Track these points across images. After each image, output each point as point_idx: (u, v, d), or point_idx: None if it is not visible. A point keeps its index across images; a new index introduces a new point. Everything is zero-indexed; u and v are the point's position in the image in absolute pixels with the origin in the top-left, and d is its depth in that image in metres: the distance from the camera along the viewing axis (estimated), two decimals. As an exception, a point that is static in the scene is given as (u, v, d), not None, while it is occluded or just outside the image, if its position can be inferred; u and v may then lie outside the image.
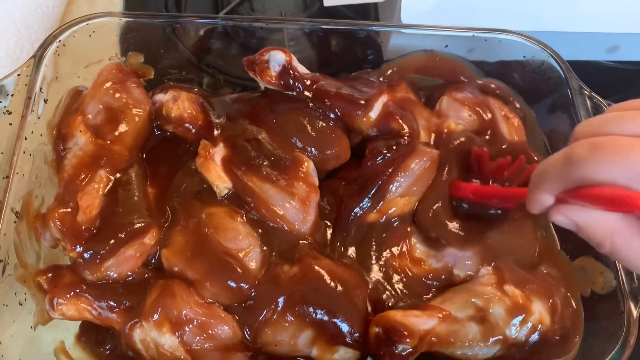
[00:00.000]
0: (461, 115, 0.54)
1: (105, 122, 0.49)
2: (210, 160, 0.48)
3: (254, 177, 0.48)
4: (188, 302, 0.44)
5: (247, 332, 0.45)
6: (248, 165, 0.48)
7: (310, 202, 0.48)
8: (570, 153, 0.32)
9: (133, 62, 0.57)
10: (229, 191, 0.48)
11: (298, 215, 0.47)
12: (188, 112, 0.50)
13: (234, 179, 0.48)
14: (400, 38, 0.59)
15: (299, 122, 0.51)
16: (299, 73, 0.50)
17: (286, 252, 0.48)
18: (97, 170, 0.48)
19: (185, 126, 0.50)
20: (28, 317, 0.45)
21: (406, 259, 0.48)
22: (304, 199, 0.48)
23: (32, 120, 0.48)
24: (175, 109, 0.50)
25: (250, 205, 0.48)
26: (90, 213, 0.46)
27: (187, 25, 0.59)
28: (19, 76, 0.49)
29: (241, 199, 0.48)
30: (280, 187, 0.48)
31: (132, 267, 0.46)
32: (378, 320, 0.44)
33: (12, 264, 0.44)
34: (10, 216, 0.44)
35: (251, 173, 0.48)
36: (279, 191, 0.47)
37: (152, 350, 0.44)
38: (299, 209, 0.48)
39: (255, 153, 0.49)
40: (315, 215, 0.49)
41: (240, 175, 0.48)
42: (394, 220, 0.49)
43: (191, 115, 0.50)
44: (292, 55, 0.50)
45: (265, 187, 0.47)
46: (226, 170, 0.48)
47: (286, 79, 0.50)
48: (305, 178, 0.49)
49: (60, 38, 0.51)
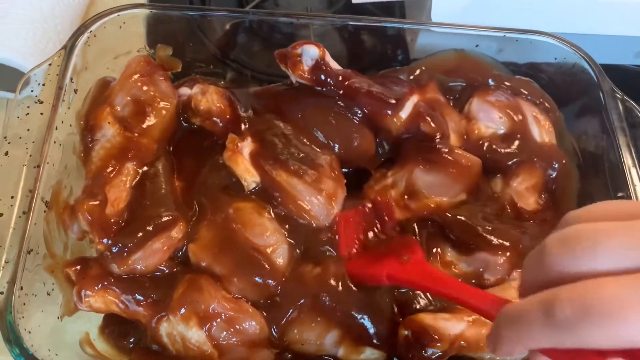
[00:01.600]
0: (492, 118, 0.54)
1: (133, 114, 0.49)
2: (239, 154, 0.48)
3: (282, 171, 0.48)
4: (216, 297, 0.44)
5: (274, 330, 0.44)
6: (276, 160, 0.48)
7: (337, 198, 0.48)
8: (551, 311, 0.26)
9: (161, 54, 0.57)
10: (256, 185, 0.48)
11: (323, 210, 0.47)
12: (217, 106, 0.50)
13: (262, 173, 0.48)
14: (429, 37, 0.58)
15: (324, 117, 0.51)
16: (331, 69, 0.50)
17: (311, 250, 0.48)
18: (125, 163, 0.47)
19: (213, 120, 0.50)
20: (55, 307, 0.45)
21: (437, 262, 0.48)
22: (330, 194, 0.47)
23: (63, 110, 0.48)
24: (204, 102, 0.50)
25: (278, 200, 0.47)
26: (118, 206, 0.46)
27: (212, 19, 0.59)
28: (50, 66, 0.49)
29: (268, 194, 0.48)
30: (308, 183, 0.47)
31: (159, 261, 0.46)
32: (408, 323, 0.43)
33: (41, 254, 0.44)
34: (40, 206, 0.44)
35: (279, 167, 0.48)
36: (307, 186, 0.47)
37: (178, 344, 0.44)
38: (325, 204, 0.47)
39: (283, 148, 0.49)
40: (339, 212, 0.48)
41: (269, 169, 0.48)
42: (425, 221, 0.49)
43: (219, 109, 0.50)
44: (326, 51, 0.49)
45: (293, 182, 0.47)
46: (254, 164, 0.48)
47: (318, 74, 0.49)
48: (333, 174, 0.48)
49: (91, 29, 0.51)
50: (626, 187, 0.51)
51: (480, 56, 0.58)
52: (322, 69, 0.49)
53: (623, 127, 0.52)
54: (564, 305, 0.25)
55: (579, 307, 0.25)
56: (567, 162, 0.54)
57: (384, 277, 0.41)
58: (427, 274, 0.39)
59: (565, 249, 0.27)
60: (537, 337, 0.27)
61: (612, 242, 0.26)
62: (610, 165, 0.53)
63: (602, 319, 0.24)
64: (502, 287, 0.47)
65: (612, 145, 0.52)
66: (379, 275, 0.41)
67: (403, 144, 0.51)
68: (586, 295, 0.25)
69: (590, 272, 0.26)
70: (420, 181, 0.49)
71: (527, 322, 0.27)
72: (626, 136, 0.52)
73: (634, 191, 0.50)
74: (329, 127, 0.51)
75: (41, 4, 0.65)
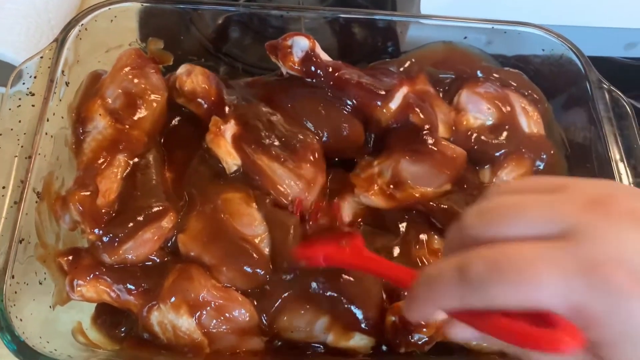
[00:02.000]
0: (480, 109, 0.54)
1: (124, 106, 0.50)
2: (221, 137, 0.48)
3: (263, 155, 0.48)
4: (205, 286, 0.44)
5: (264, 318, 0.45)
6: (258, 144, 0.48)
7: (315, 184, 0.48)
8: (465, 269, 0.27)
9: (153, 48, 0.57)
10: (237, 168, 0.48)
11: (302, 194, 0.48)
12: (201, 87, 0.50)
13: (243, 156, 0.48)
14: (418, 29, 0.59)
15: (314, 106, 0.51)
16: (321, 60, 0.50)
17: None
18: (116, 155, 0.48)
19: (197, 101, 0.50)
20: (47, 296, 0.46)
21: (424, 250, 0.48)
22: (309, 180, 0.48)
23: (54, 103, 0.48)
24: (189, 82, 0.50)
25: (258, 184, 0.48)
26: (109, 197, 0.46)
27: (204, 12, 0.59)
28: (41, 59, 0.49)
29: (249, 177, 0.48)
30: (288, 168, 0.48)
31: (150, 251, 0.46)
32: (395, 309, 0.44)
33: (32, 243, 0.45)
34: (32, 196, 0.45)
35: (261, 152, 0.48)
36: (287, 171, 0.48)
37: (169, 332, 0.44)
38: (303, 189, 0.48)
39: (266, 133, 0.49)
40: (314, 197, 0.49)
41: (250, 153, 0.48)
42: (412, 210, 0.50)
43: (204, 90, 0.50)
44: (316, 42, 0.50)
45: (273, 167, 0.48)
46: (236, 147, 0.48)
47: (308, 65, 0.50)
48: (313, 160, 0.49)
49: (82, 22, 0.51)
50: (613, 177, 0.51)
51: (469, 48, 0.58)
52: (312, 60, 0.50)
53: (609, 117, 0.53)
54: (478, 264, 0.26)
55: (492, 265, 0.26)
56: (555, 152, 0.55)
57: (321, 258, 0.41)
58: (362, 257, 0.40)
59: (482, 219, 0.28)
60: (449, 296, 0.28)
61: (529, 212, 0.27)
62: (598, 156, 0.53)
63: (511, 277, 0.25)
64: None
65: (599, 135, 0.53)
66: (316, 257, 0.42)
67: (390, 134, 0.51)
68: (500, 254, 0.26)
69: (507, 238, 0.27)
70: (406, 172, 0.50)
71: (442, 280, 0.28)
72: (613, 126, 0.53)
73: (620, 180, 0.50)
74: (319, 116, 0.51)
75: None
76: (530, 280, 0.25)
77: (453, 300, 0.28)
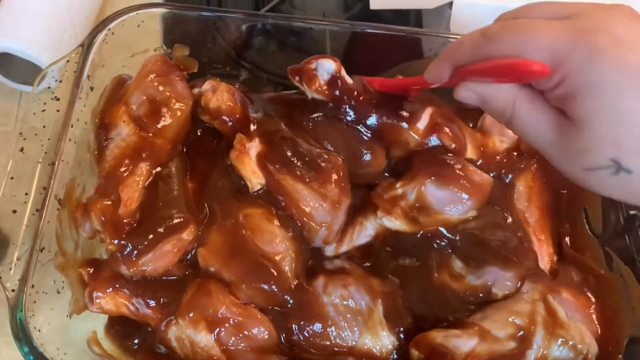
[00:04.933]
0: (505, 132, 0.53)
1: (148, 114, 0.49)
2: (245, 155, 0.47)
3: (287, 175, 0.47)
4: (224, 302, 0.44)
5: (283, 337, 0.44)
6: (282, 163, 0.48)
7: (341, 206, 0.47)
8: (486, 29, 0.34)
9: (178, 54, 0.56)
10: (261, 187, 0.47)
11: (327, 217, 0.47)
12: (227, 104, 0.49)
13: (267, 175, 0.47)
14: (446, 47, 0.58)
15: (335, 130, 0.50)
16: (347, 83, 0.49)
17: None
18: (139, 163, 0.47)
19: (222, 118, 0.50)
20: (64, 305, 0.45)
21: (445, 274, 0.48)
22: (335, 202, 0.47)
23: (79, 108, 0.48)
24: (214, 100, 0.49)
25: (281, 204, 0.47)
26: (131, 206, 0.45)
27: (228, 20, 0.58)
28: (67, 62, 0.49)
29: (273, 197, 0.47)
30: (313, 188, 0.47)
31: (169, 263, 0.45)
32: (419, 342, 0.43)
33: (52, 251, 0.44)
34: (53, 203, 0.44)
35: (285, 171, 0.47)
36: (311, 192, 0.47)
37: (187, 347, 0.44)
38: (329, 211, 0.47)
39: (291, 152, 0.48)
40: (343, 220, 0.48)
41: (274, 172, 0.47)
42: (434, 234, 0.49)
43: (229, 108, 0.49)
44: (341, 65, 0.49)
45: (298, 187, 0.47)
46: (260, 165, 0.47)
47: (333, 89, 0.49)
48: (338, 182, 0.48)
49: (109, 26, 0.51)
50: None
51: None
52: (338, 83, 0.49)
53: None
54: (496, 25, 0.34)
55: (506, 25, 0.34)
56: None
57: None
58: None
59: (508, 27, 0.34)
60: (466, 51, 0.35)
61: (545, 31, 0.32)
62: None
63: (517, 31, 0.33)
64: (513, 300, 0.47)
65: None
66: None
67: (414, 156, 0.50)
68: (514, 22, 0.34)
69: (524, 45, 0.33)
70: (431, 196, 0.49)
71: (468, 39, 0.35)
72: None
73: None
74: (339, 140, 0.50)
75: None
76: (530, 34, 0.32)
77: (468, 54, 0.35)
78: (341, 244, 0.49)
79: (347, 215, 0.48)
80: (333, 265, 0.49)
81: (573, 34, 0.31)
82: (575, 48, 0.31)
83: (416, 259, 0.50)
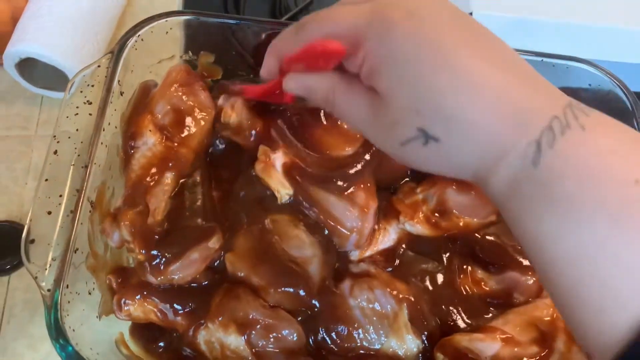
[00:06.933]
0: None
1: (173, 123, 0.50)
2: (271, 167, 0.48)
3: (314, 183, 0.48)
4: (254, 304, 0.44)
5: (311, 339, 0.45)
6: (308, 172, 0.48)
7: (369, 210, 0.48)
8: (299, 23, 0.36)
9: (203, 61, 0.57)
10: (290, 197, 0.48)
11: (357, 222, 0.48)
12: (247, 120, 0.49)
13: (295, 185, 0.48)
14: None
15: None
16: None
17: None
18: (165, 172, 0.48)
19: (244, 134, 0.50)
20: (94, 306, 0.46)
21: (467, 279, 0.49)
22: (362, 206, 0.48)
23: (110, 112, 0.48)
24: (235, 116, 0.49)
25: (310, 212, 0.48)
26: (157, 216, 0.46)
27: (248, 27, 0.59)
28: (98, 67, 0.50)
29: (301, 206, 0.48)
30: (341, 195, 0.48)
31: (196, 271, 0.46)
32: (444, 344, 0.44)
33: (85, 253, 0.45)
34: (86, 206, 0.45)
35: (311, 180, 0.48)
36: (339, 199, 0.48)
37: (216, 350, 0.44)
38: (358, 217, 0.48)
39: (315, 159, 0.49)
40: (373, 223, 0.49)
41: (301, 181, 0.48)
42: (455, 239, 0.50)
43: (249, 122, 0.49)
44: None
45: (326, 195, 0.48)
46: (287, 176, 0.48)
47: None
48: (365, 185, 0.48)
49: (139, 33, 0.52)
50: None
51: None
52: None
53: (655, 156, 0.53)
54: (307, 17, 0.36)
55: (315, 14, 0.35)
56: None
57: None
58: None
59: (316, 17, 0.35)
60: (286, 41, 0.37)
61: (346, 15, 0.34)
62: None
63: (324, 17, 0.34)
64: (533, 305, 0.48)
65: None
66: None
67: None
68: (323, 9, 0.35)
69: None
70: (452, 201, 0.50)
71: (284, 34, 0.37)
72: (658, 165, 0.53)
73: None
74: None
75: (82, 4, 0.65)
76: (332, 19, 0.34)
77: (288, 46, 0.37)
78: (366, 248, 0.50)
79: (375, 218, 0.49)
80: (359, 269, 0.49)
81: (370, 12, 0.32)
82: (372, 24, 0.32)
83: (438, 263, 0.51)
